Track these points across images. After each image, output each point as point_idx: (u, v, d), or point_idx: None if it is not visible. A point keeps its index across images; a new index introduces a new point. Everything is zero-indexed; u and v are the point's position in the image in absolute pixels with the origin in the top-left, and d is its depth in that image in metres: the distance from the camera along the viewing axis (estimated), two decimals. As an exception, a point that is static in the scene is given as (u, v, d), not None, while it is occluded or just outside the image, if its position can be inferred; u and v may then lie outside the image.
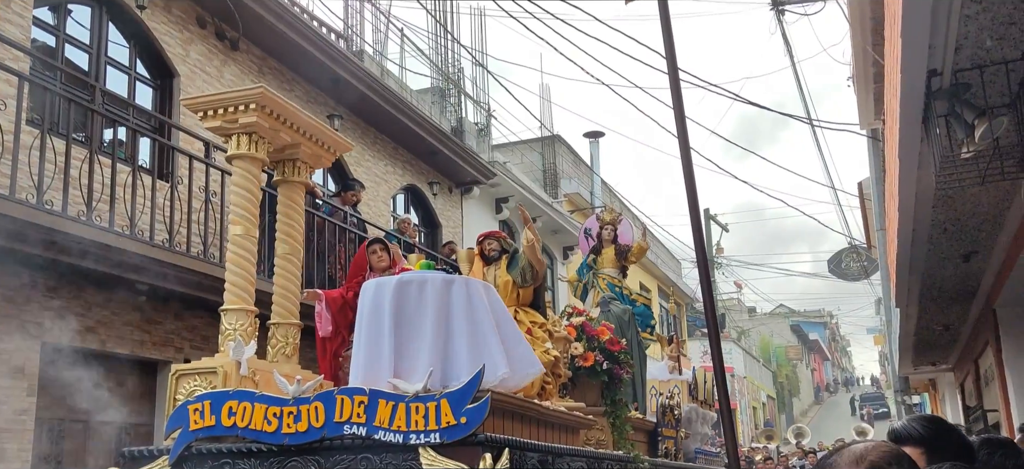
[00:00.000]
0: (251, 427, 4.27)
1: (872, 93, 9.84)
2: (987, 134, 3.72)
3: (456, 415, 3.95)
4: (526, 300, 6.50)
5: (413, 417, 4.01)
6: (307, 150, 5.61)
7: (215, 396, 4.43)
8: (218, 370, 4.71)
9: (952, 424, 2.14)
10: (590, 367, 7.12)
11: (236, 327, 4.97)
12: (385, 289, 4.85)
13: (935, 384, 17.42)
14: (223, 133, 5.31)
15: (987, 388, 10.15)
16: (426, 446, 3.97)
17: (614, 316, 8.20)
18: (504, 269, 6.49)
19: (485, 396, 4.04)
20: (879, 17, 7.50)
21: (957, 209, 5.60)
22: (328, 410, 4.17)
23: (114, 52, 8.33)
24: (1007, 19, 3.26)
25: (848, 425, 28.08)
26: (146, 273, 7.13)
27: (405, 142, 12.52)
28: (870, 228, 15.84)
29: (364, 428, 4.08)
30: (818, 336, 58.51)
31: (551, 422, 5.59)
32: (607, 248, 9.78)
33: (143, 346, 7.67)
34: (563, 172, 18.76)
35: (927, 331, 10.14)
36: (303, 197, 5.94)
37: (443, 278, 5.02)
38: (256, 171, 5.29)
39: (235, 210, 5.22)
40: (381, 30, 13.21)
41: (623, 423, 7.26)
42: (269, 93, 5.15)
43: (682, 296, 27.76)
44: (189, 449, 4.43)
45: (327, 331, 5.89)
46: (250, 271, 5.22)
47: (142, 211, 7.25)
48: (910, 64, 3.53)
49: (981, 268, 7.17)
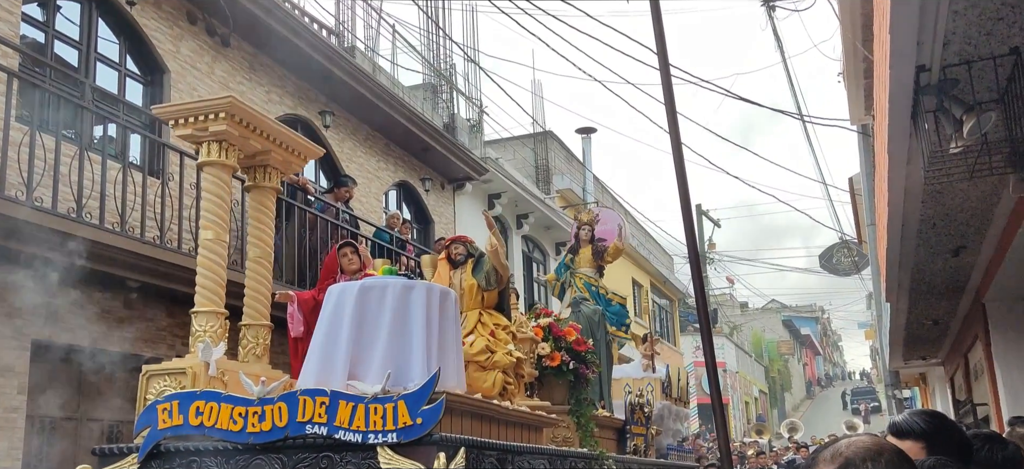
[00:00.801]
0: (218, 426, 4.41)
1: (862, 89, 9.89)
2: (975, 129, 3.74)
3: (412, 416, 4.10)
4: (491, 303, 6.61)
5: (372, 418, 4.16)
6: (277, 156, 5.72)
7: (183, 396, 4.57)
8: (187, 371, 4.88)
9: (953, 420, 2.16)
10: (556, 367, 7.21)
11: (206, 328, 5.09)
12: (348, 294, 5.01)
13: (925, 378, 17.52)
14: (194, 141, 5.42)
15: (977, 382, 10.22)
16: (384, 445, 4.12)
17: (584, 316, 8.32)
18: (469, 273, 6.62)
19: (440, 398, 4.20)
20: (869, 13, 7.53)
21: (946, 204, 5.63)
22: (291, 410, 4.31)
23: (104, 48, 8.29)
24: (994, 14, 3.28)
25: (839, 419, 28.22)
26: (137, 270, 7.11)
27: (397, 138, 12.51)
28: (861, 223, 15.92)
29: (325, 428, 4.24)
30: (810, 331, 58.76)
31: (512, 421, 5.71)
32: (585, 248, 9.96)
33: (134, 343, 7.65)
34: (555, 168, 18.77)
35: (917, 325, 10.20)
36: (274, 202, 6.05)
37: (404, 283, 5.14)
38: (226, 177, 5.41)
39: (206, 215, 5.36)
40: (373, 26, 13.19)
41: (588, 421, 7.36)
42: (238, 102, 5.27)
43: (674, 291, 27.83)
44: (157, 447, 4.57)
45: (299, 332, 6.01)
46: (220, 274, 5.32)
47: (133, 208, 7.23)
48: (899, 60, 3.55)
49: (970, 262, 7.21)
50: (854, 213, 16.60)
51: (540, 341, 7.19)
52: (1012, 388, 7.73)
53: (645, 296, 23.98)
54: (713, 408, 5.56)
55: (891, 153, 4.65)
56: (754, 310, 47.40)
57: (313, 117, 10.87)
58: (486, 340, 6.12)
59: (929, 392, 17.52)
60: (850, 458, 1.38)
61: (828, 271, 20.74)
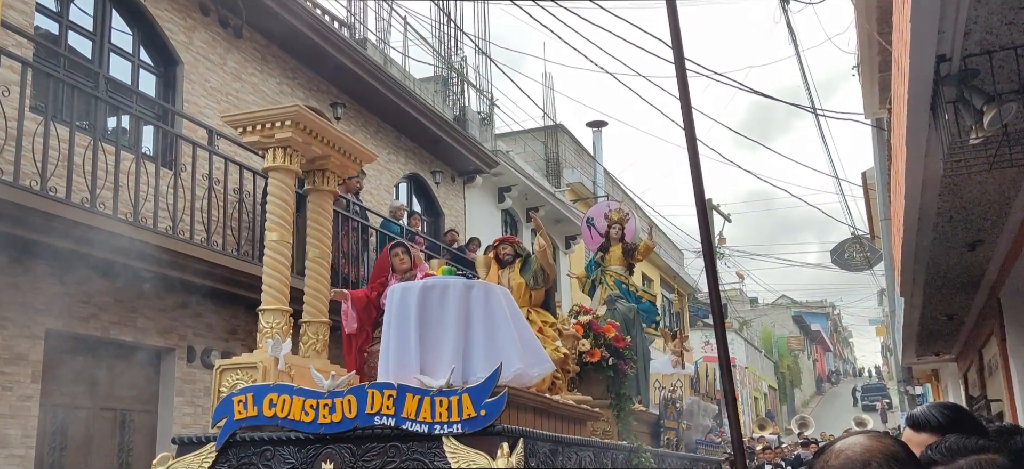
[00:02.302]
0: (290, 417, 4.68)
1: (877, 82, 9.81)
2: (996, 120, 3.69)
3: (476, 408, 4.33)
4: (538, 301, 6.97)
5: (437, 410, 4.40)
6: (335, 161, 6.00)
7: (257, 389, 4.85)
8: (258, 365, 5.14)
9: (970, 412, 2.15)
10: (596, 363, 7.39)
11: (273, 325, 5.37)
12: (411, 293, 5.25)
13: (938, 374, 17.42)
14: (260, 147, 5.71)
15: (991, 378, 10.14)
16: (449, 436, 4.35)
17: (619, 314, 8.46)
18: (517, 272, 6.93)
19: (502, 391, 4.41)
20: (885, 5, 7.46)
21: (963, 197, 5.57)
22: (360, 403, 4.55)
23: (117, 39, 8.31)
24: (1017, 3, 3.23)
25: (849, 416, 28.12)
26: (150, 260, 7.13)
27: (408, 131, 12.50)
28: (873, 218, 15.82)
29: (393, 419, 4.47)
30: (820, 327, 58.51)
31: (561, 414, 5.93)
32: (615, 246, 10.09)
33: (147, 333, 7.68)
34: (566, 161, 18.73)
35: (931, 320, 10.12)
36: (331, 204, 6.32)
37: (463, 283, 5.40)
38: (290, 182, 5.68)
39: (272, 217, 5.62)
40: (384, 18, 13.17)
41: (627, 415, 7.56)
42: (303, 110, 5.56)
43: (684, 286, 27.76)
44: (234, 437, 4.84)
45: (353, 328, 6.25)
46: (285, 274, 5.59)
47: (146, 199, 7.25)
48: (919, 49, 3.51)
49: (986, 257, 7.14)
50: (867, 208, 16.49)
51: (581, 338, 7.39)
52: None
53: (655, 290, 23.93)
54: (726, 403, 5.54)
55: (909, 145, 4.60)
56: (764, 305, 47.24)
57: (324, 109, 10.86)
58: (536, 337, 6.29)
59: (941, 388, 17.41)
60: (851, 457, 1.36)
61: (840, 267, 20.61)
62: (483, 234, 13.58)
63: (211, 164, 8.10)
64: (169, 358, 8.00)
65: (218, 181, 8.15)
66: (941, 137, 3.99)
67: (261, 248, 8.67)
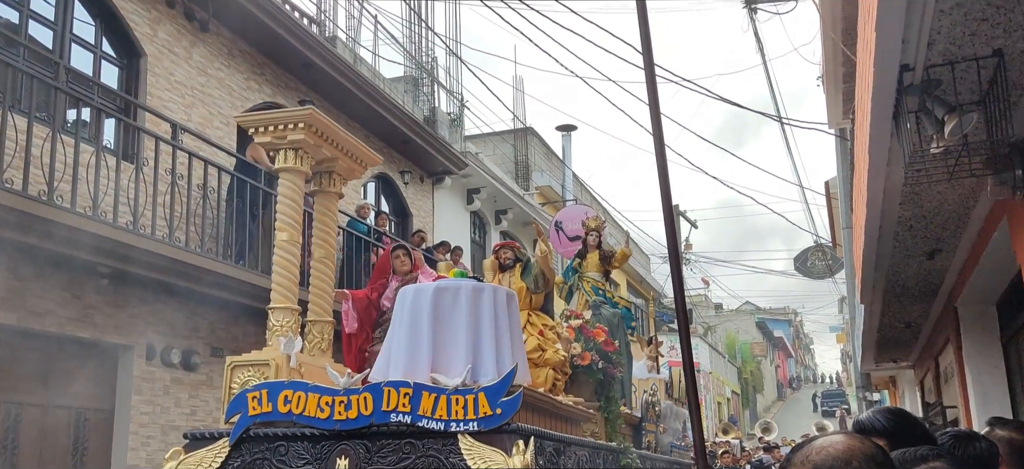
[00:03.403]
0: (305, 413, 4.75)
1: (841, 93, 9.96)
2: (956, 130, 3.76)
3: (492, 407, 4.45)
4: (537, 305, 7.22)
5: (454, 408, 4.51)
6: (343, 164, 6.08)
7: (271, 386, 4.91)
8: (270, 362, 5.21)
9: (915, 416, 2.19)
10: (587, 366, 7.56)
11: (282, 323, 5.45)
12: (424, 294, 5.36)
13: (895, 381, 17.74)
14: (271, 148, 5.79)
15: (946, 385, 10.35)
16: (465, 433, 4.47)
17: (604, 319, 8.63)
18: (518, 276, 7.15)
19: (518, 391, 4.55)
20: (851, 17, 7.58)
21: (923, 206, 5.68)
22: (376, 400, 4.63)
23: (79, 30, 8.14)
24: (979, 15, 3.30)
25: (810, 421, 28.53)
26: (109, 255, 6.99)
27: (377, 130, 12.41)
28: (836, 227, 16.08)
29: (409, 416, 4.57)
30: (783, 333, 59.32)
31: (562, 415, 6.16)
32: (592, 253, 10.25)
33: (104, 330, 7.52)
34: (535, 164, 18.76)
35: (890, 328, 10.31)
36: (337, 206, 6.38)
37: (474, 286, 5.54)
38: (300, 183, 5.74)
39: (281, 217, 5.68)
40: (354, 16, 13.08)
41: (616, 417, 7.80)
42: (317, 113, 5.66)
43: (649, 290, 27.96)
44: (247, 432, 4.89)
45: (353, 328, 6.40)
46: (294, 273, 5.64)
47: (106, 193, 7.10)
48: (883, 58, 3.56)
49: (944, 266, 7.28)
50: (829, 216, 16.76)
51: (573, 341, 7.57)
52: (982, 391, 7.83)
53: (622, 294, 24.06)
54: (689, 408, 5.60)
55: (872, 153, 4.67)
56: (728, 311, 47.77)
57: (291, 106, 10.75)
58: (537, 339, 6.59)
59: (899, 395, 17.74)
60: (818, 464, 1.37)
61: (803, 274, 20.94)
62: (451, 236, 13.54)
63: (174, 159, 7.96)
64: (127, 356, 7.84)
65: (181, 176, 8.01)
66: (903, 146, 4.05)
67: (225, 245, 8.57)
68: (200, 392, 8.55)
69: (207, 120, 9.35)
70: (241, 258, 8.59)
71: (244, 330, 9.07)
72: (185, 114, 8.96)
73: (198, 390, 8.53)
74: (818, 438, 1.46)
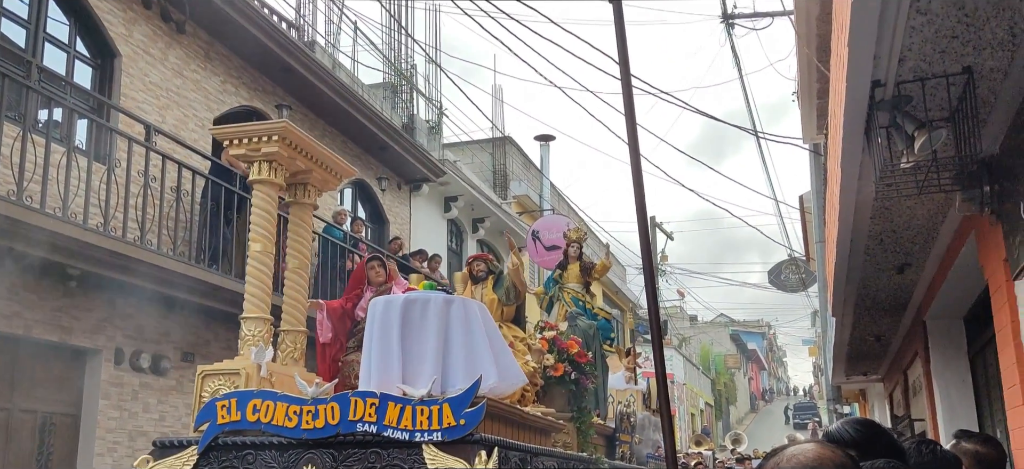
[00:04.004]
0: (274, 422, 4.84)
1: (816, 108, 10.10)
2: (926, 146, 3.82)
3: (456, 417, 4.55)
4: (509, 316, 7.31)
5: (419, 418, 4.61)
6: (317, 175, 6.15)
7: (241, 395, 4.99)
8: (241, 371, 5.28)
9: (884, 427, 2.22)
10: (560, 377, 7.66)
11: (254, 333, 5.51)
12: (393, 307, 5.45)
13: (865, 394, 17.94)
14: (246, 160, 5.85)
15: (915, 398, 10.48)
16: (429, 443, 4.56)
17: (580, 330, 8.75)
18: (490, 288, 7.25)
19: (481, 402, 4.65)
20: (825, 34, 7.69)
21: (894, 221, 5.76)
22: (343, 410, 4.73)
23: (53, 29, 8.03)
24: (950, 33, 3.35)
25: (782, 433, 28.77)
26: (79, 257, 6.89)
27: (355, 136, 12.37)
28: (809, 241, 16.26)
29: (375, 427, 4.66)
30: (756, 346, 59.79)
31: (530, 425, 6.23)
32: (573, 264, 10.37)
33: (72, 333, 7.40)
34: (513, 174, 18.78)
35: (861, 341, 10.43)
36: (311, 217, 6.46)
37: (444, 298, 5.61)
38: (274, 194, 5.80)
39: (255, 229, 5.74)
40: (334, 22, 13.04)
41: (588, 428, 7.89)
42: (291, 127, 5.75)
43: (625, 301, 28.06)
44: (216, 440, 4.95)
45: (327, 338, 6.46)
46: (267, 283, 5.71)
47: (76, 193, 7.00)
48: (856, 73, 3.61)
49: (914, 280, 7.39)
50: (803, 230, 16.95)
51: (546, 352, 7.65)
52: (949, 405, 7.94)
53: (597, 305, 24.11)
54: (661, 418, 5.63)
55: (844, 167, 4.73)
56: (703, 323, 48.07)
57: (269, 110, 10.69)
58: None
59: (868, 407, 17.94)
60: None
61: (776, 287, 21.12)
62: (428, 244, 13.51)
63: (148, 161, 7.87)
64: (95, 360, 7.72)
65: (155, 179, 7.92)
66: (874, 160, 4.11)
67: (198, 249, 8.48)
68: (169, 397, 8.43)
69: (182, 122, 9.26)
70: (215, 262, 8.50)
71: (216, 335, 8.97)
72: (160, 116, 8.87)
73: (168, 396, 8.41)
74: (789, 447, 1.47)
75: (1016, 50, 3.53)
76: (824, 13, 7.49)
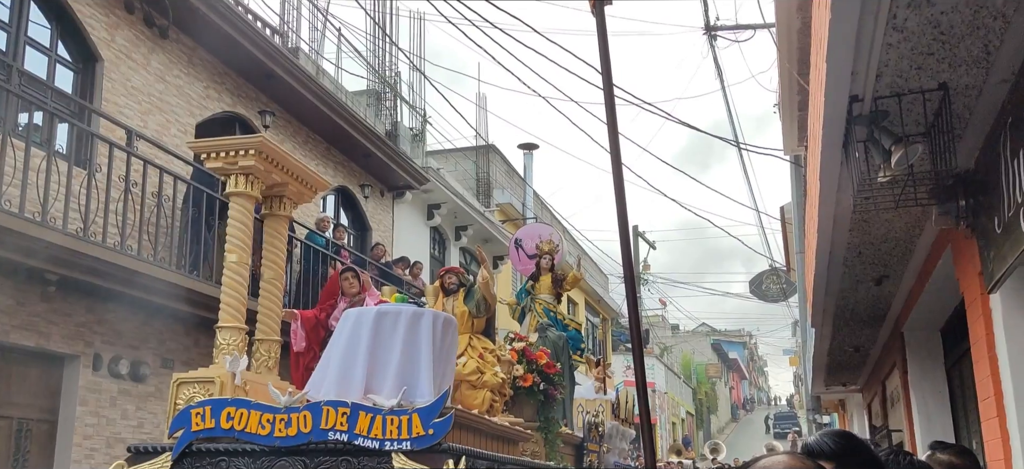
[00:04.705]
0: (247, 430, 4.92)
1: (796, 121, 10.22)
2: (903, 161, 3.88)
3: (425, 427, 4.70)
4: (479, 328, 7.44)
5: (388, 427, 4.74)
6: (293, 188, 6.27)
7: (215, 402, 5.06)
8: (215, 380, 5.36)
9: (862, 439, 2.26)
10: (528, 387, 7.77)
11: (229, 342, 5.60)
12: (365, 318, 5.61)
13: (844, 404, 18.10)
14: (223, 173, 5.96)
15: (893, 409, 10.60)
16: (398, 452, 4.69)
17: (550, 341, 8.85)
18: (461, 301, 7.39)
19: (450, 412, 4.81)
20: (805, 48, 7.79)
21: (872, 233, 5.84)
22: (315, 418, 4.84)
23: (35, 32, 7.97)
24: (925, 50, 3.42)
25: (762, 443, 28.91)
26: (57, 262, 6.83)
27: (338, 143, 12.34)
28: (790, 251, 16.40)
29: (346, 435, 4.77)
30: (737, 355, 60.10)
31: (498, 435, 6.37)
32: (545, 275, 10.47)
33: (49, 339, 7.33)
34: (496, 182, 18.81)
35: (839, 351, 10.53)
36: (287, 229, 6.57)
37: (414, 311, 5.78)
38: (250, 207, 5.90)
39: (231, 240, 5.84)
40: (318, 28, 13.02)
41: (555, 438, 8.03)
42: (267, 141, 5.88)
43: (608, 310, 28.13)
44: (190, 447, 5.02)
45: (301, 347, 6.60)
46: (242, 294, 5.79)
47: (56, 198, 6.94)
48: (833, 88, 3.68)
49: (892, 292, 7.48)
50: (784, 241, 17.09)
51: (515, 363, 7.76)
52: (926, 415, 8.03)
53: (580, 314, 24.17)
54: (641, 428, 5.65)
55: (822, 180, 4.80)
56: (685, 332, 48.26)
57: (252, 116, 10.65)
58: (476, 361, 6.82)
59: (847, 418, 18.09)
60: None
61: (758, 297, 21.26)
62: (410, 251, 13.49)
63: (129, 165, 7.81)
64: (73, 365, 7.64)
65: (135, 184, 7.87)
66: (852, 174, 4.18)
67: (179, 255, 8.42)
68: (148, 404, 8.36)
69: (164, 127, 9.21)
70: (195, 269, 8.45)
71: (196, 341, 8.91)
72: (141, 121, 8.82)
73: (146, 402, 8.34)
74: (763, 458, 1.50)
75: (990, 67, 3.60)
76: (805, 27, 7.59)
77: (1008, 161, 3.73)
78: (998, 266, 4.11)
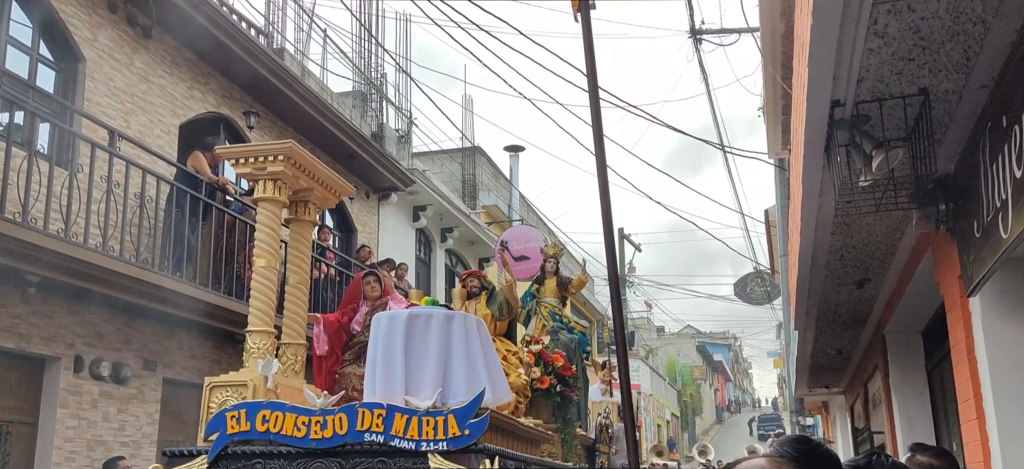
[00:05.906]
0: (283, 432, 4.99)
1: (780, 124, 10.28)
2: (883, 165, 3.92)
3: (461, 428, 4.77)
4: (501, 331, 7.57)
5: (424, 428, 4.81)
6: (318, 193, 6.32)
7: (250, 405, 5.12)
8: (248, 383, 5.44)
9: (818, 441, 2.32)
10: (545, 389, 7.85)
11: (259, 346, 5.66)
12: (397, 321, 5.65)
13: (827, 407, 18.22)
14: (251, 178, 6.00)
15: (875, 411, 10.68)
16: (434, 452, 4.76)
17: (563, 344, 8.92)
18: (483, 304, 7.51)
19: (485, 413, 4.86)
20: (789, 52, 7.85)
21: (853, 237, 5.89)
22: (351, 420, 4.91)
23: (16, 31, 7.90)
24: (906, 55, 3.46)
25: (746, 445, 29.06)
26: (38, 263, 6.76)
27: (323, 144, 12.30)
28: (774, 254, 16.51)
29: (382, 436, 4.84)
30: (722, 357, 60.39)
31: (523, 436, 6.45)
32: (550, 279, 10.53)
33: (30, 340, 7.26)
34: (482, 184, 18.81)
35: (822, 354, 10.60)
36: (311, 234, 6.61)
37: (446, 314, 5.83)
38: (278, 212, 5.96)
39: (260, 245, 5.89)
40: (303, 29, 12.98)
41: (572, 439, 8.15)
42: (297, 147, 5.92)
43: (594, 313, 28.19)
44: (225, 450, 5.08)
45: (324, 350, 6.59)
46: (271, 298, 5.85)
47: (37, 199, 6.87)
48: (815, 93, 3.71)
49: (873, 295, 7.54)
50: (768, 244, 17.20)
51: (533, 365, 7.83)
52: (908, 418, 8.10)
53: (565, 316, 24.17)
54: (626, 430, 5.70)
55: (805, 184, 4.83)
56: (670, 334, 48.43)
57: (237, 117, 10.60)
58: (501, 364, 6.74)
59: (830, 420, 18.22)
60: None
61: (742, 300, 21.39)
62: (396, 253, 13.46)
63: (111, 166, 7.75)
64: (54, 367, 7.57)
65: (118, 184, 7.81)
66: (833, 178, 4.21)
67: (162, 256, 8.36)
68: (130, 406, 8.29)
69: (147, 128, 9.14)
70: (178, 270, 8.39)
71: (180, 343, 8.85)
72: (124, 121, 8.75)
73: (128, 405, 8.27)
74: (743, 460, 1.52)
75: (970, 73, 3.64)
76: (789, 32, 7.65)
77: (987, 165, 3.77)
78: (977, 269, 4.15)
